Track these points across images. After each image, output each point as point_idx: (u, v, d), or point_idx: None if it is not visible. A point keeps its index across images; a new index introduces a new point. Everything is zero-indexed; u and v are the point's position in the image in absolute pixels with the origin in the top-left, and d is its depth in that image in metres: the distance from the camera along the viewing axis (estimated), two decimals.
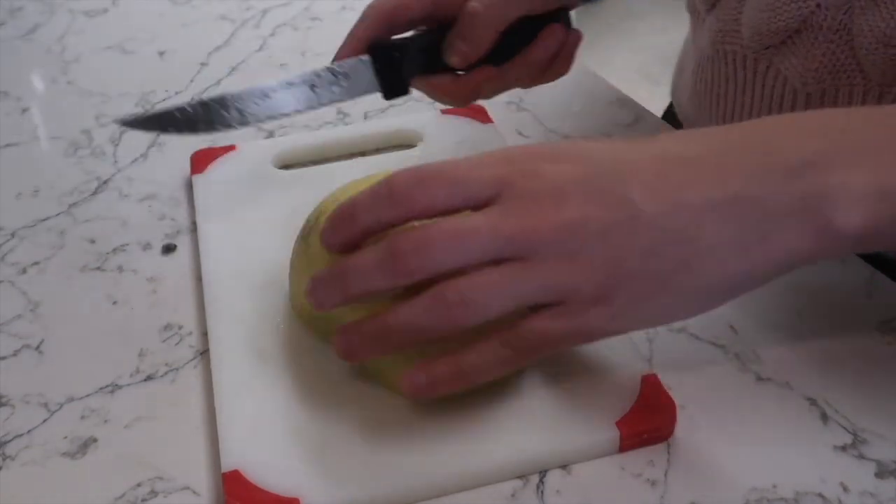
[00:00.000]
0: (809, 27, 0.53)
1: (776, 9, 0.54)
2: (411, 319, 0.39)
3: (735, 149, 0.39)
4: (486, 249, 0.38)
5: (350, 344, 0.42)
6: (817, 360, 0.47)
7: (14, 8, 0.90)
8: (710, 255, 0.38)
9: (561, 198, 0.38)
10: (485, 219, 0.38)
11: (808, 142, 0.38)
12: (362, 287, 0.40)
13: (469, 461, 0.42)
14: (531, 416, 0.44)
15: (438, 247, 0.38)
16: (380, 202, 0.40)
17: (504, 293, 0.38)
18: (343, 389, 0.45)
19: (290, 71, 0.77)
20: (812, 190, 0.37)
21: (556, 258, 0.38)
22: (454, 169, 0.40)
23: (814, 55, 0.53)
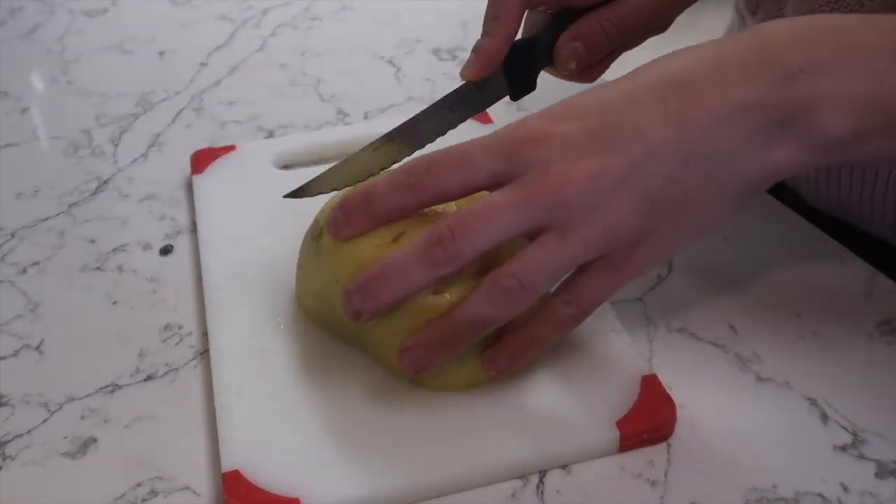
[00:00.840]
0: None
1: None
2: (474, 314, 0.40)
3: (731, 62, 0.39)
4: (520, 222, 0.39)
5: (417, 359, 0.42)
6: (817, 360, 0.47)
7: (14, 8, 0.90)
8: (727, 164, 0.39)
9: (574, 154, 0.39)
10: (510, 193, 0.39)
11: (802, 48, 0.39)
12: (403, 286, 0.41)
13: (469, 461, 0.42)
14: (531, 416, 0.44)
15: (472, 228, 0.39)
16: (397, 189, 0.41)
17: (553, 266, 0.39)
18: (343, 389, 0.45)
19: (289, 71, 0.77)
20: (804, 95, 0.38)
21: (589, 215, 0.39)
22: (464, 151, 0.40)
23: None
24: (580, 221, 0.39)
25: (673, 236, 0.41)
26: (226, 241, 0.55)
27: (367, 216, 0.43)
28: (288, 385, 0.46)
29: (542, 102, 0.69)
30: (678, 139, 0.38)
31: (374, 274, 0.41)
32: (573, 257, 0.40)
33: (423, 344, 0.42)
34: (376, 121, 0.69)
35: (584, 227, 0.39)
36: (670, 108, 0.39)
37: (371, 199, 0.42)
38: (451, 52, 0.79)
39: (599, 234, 0.39)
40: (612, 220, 0.39)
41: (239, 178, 0.61)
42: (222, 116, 0.71)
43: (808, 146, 0.39)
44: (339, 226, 0.43)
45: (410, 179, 0.41)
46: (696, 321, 0.49)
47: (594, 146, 0.39)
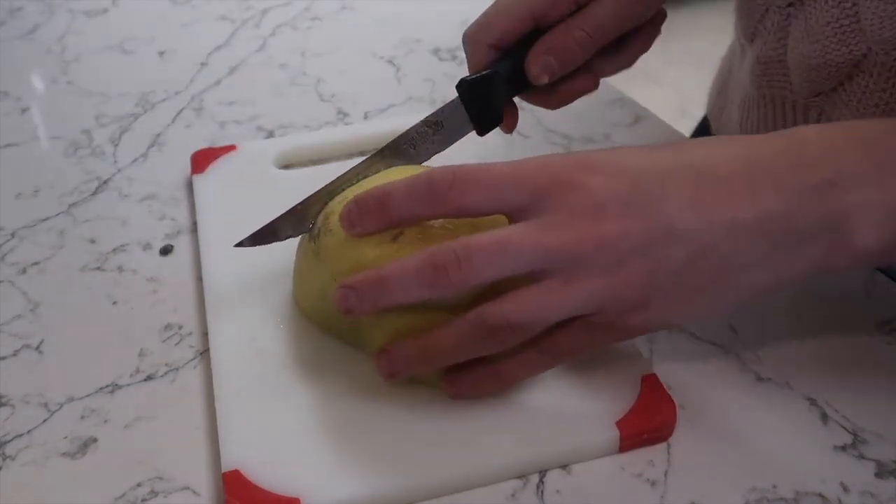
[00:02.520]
0: (862, 73, 0.50)
1: (824, 56, 0.51)
2: (455, 346, 0.41)
3: (764, 165, 0.39)
4: (526, 263, 0.39)
5: (393, 366, 0.43)
6: (817, 360, 0.47)
7: (14, 8, 0.90)
8: (741, 268, 0.39)
9: (600, 212, 0.38)
10: (525, 232, 0.39)
11: (831, 159, 0.39)
12: (399, 297, 0.41)
13: (469, 461, 0.42)
14: (531, 416, 0.44)
15: (480, 260, 0.39)
16: (416, 197, 0.41)
17: (545, 312, 0.39)
18: (343, 389, 0.45)
19: (289, 71, 0.77)
20: (833, 209, 0.38)
21: (596, 273, 0.38)
22: (493, 174, 0.40)
23: (867, 104, 0.50)
24: (587, 276, 0.38)
25: (670, 315, 0.41)
26: (226, 241, 0.55)
27: (381, 218, 0.42)
28: (288, 385, 0.46)
29: None
30: (701, 231, 0.38)
31: (372, 279, 0.41)
32: (570, 309, 0.39)
33: (401, 355, 0.42)
34: (376, 121, 0.69)
35: (589, 283, 0.39)
36: (699, 198, 0.39)
37: (388, 202, 0.42)
38: (451, 52, 0.79)
39: (601, 294, 0.39)
40: (618, 284, 0.39)
41: (239, 177, 0.61)
42: (222, 116, 0.71)
43: (836, 257, 0.39)
44: (353, 222, 0.43)
45: (432, 189, 0.41)
46: (696, 321, 0.49)
47: (621, 209, 0.39)
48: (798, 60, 0.53)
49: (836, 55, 0.51)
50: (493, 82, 0.50)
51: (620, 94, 0.71)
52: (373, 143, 0.65)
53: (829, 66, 0.51)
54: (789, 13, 0.54)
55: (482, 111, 0.51)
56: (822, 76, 0.52)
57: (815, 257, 0.39)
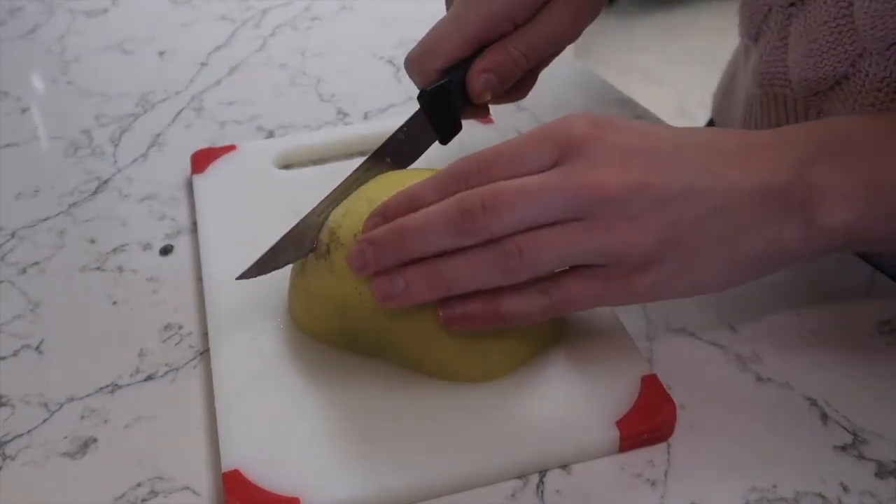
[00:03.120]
0: (858, 72, 0.51)
1: (821, 55, 0.52)
2: (464, 266, 0.40)
3: (757, 146, 0.42)
4: (553, 207, 0.39)
5: (394, 286, 0.41)
6: (817, 360, 0.47)
7: (14, 8, 0.90)
8: (743, 231, 0.40)
9: (625, 162, 0.40)
10: (551, 178, 0.39)
11: (814, 144, 0.41)
12: (423, 247, 0.40)
13: (469, 461, 0.42)
14: (531, 416, 0.44)
15: (507, 205, 0.39)
16: (443, 191, 0.41)
17: (560, 251, 0.40)
18: (343, 390, 0.45)
19: (289, 71, 0.77)
20: (811, 185, 0.40)
21: (617, 219, 0.39)
22: (514, 147, 0.41)
23: (862, 103, 0.51)
24: (608, 224, 0.39)
25: (675, 277, 0.41)
26: (226, 241, 0.55)
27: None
28: (288, 385, 0.46)
29: (542, 103, 0.70)
30: (715, 192, 0.40)
31: (393, 230, 0.41)
32: (585, 252, 0.40)
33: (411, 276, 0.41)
34: (376, 121, 0.69)
35: (608, 230, 0.39)
36: (712, 165, 0.40)
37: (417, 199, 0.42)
38: None
39: (618, 243, 0.39)
40: (635, 234, 0.39)
41: (239, 178, 0.61)
42: (222, 116, 0.71)
43: (812, 234, 0.41)
44: (378, 220, 0.42)
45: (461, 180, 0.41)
46: (696, 321, 0.49)
47: (643, 163, 0.40)
48: (797, 59, 0.54)
49: (833, 54, 0.52)
50: (451, 92, 0.50)
51: (620, 94, 0.72)
52: (373, 143, 0.65)
53: (825, 65, 0.52)
54: (791, 13, 0.55)
55: (442, 121, 0.51)
56: (819, 75, 0.53)
57: (796, 230, 0.40)
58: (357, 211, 0.45)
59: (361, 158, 0.64)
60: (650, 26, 2.67)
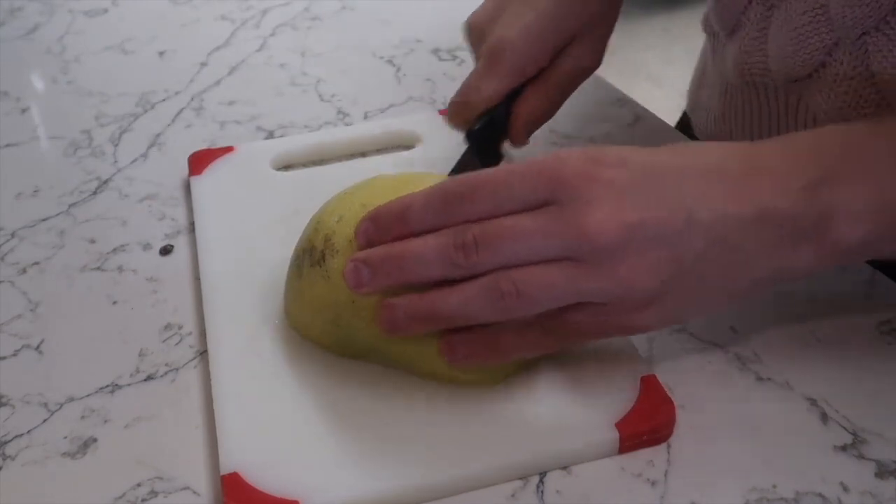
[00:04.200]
0: (834, 60, 0.52)
1: (799, 44, 0.53)
2: (462, 304, 0.40)
3: (763, 166, 0.41)
4: (545, 249, 0.39)
5: (395, 319, 0.42)
6: (817, 360, 0.47)
7: (14, 8, 0.90)
8: (746, 261, 0.40)
9: (620, 201, 0.39)
10: (544, 221, 0.39)
11: (817, 159, 0.41)
12: (418, 273, 0.41)
13: (469, 462, 0.42)
14: (531, 417, 0.44)
15: (501, 244, 0.39)
16: (432, 209, 0.41)
17: (558, 291, 0.39)
18: (342, 390, 0.45)
19: (289, 71, 0.77)
20: (821, 208, 0.40)
21: (615, 262, 0.38)
22: (506, 176, 0.40)
23: (836, 92, 0.52)
24: (604, 265, 0.38)
25: (676, 311, 0.41)
26: (224, 242, 0.55)
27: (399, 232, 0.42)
28: (287, 386, 0.46)
29: None
30: (716, 223, 0.39)
31: (390, 254, 0.41)
32: (582, 293, 0.39)
33: (404, 309, 0.42)
34: (375, 122, 0.69)
35: (605, 271, 0.39)
36: (711, 193, 0.40)
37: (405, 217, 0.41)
38: (451, 52, 0.79)
39: (616, 283, 0.39)
40: (633, 274, 0.39)
41: (237, 179, 0.61)
42: (222, 116, 0.71)
43: (825, 253, 0.41)
44: (368, 233, 0.42)
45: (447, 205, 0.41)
46: (695, 321, 0.49)
47: (637, 199, 0.39)
48: (777, 49, 0.56)
49: (810, 43, 0.53)
50: (493, 129, 0.56)
51: (620, 94, 0.72)
52: (371, 144, 0.65)
53: (803, 53, 0.53)
54: (772, 4, 0.56)
55: (487, 154, 0.56)
56: (798, 63, 0.54)
57: (808, 253, 0.40)
58: (351, 217, 0.44)
59: (361, 159, 0.64)
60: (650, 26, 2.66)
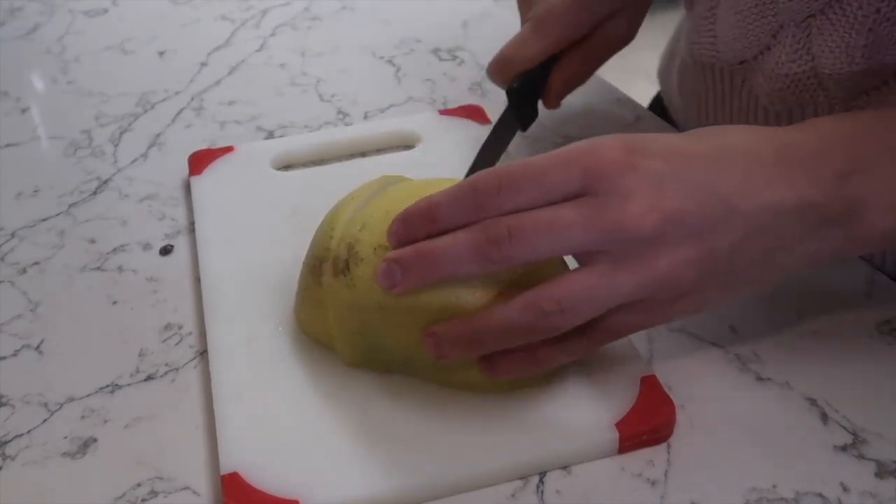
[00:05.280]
0: (778, 44, 0.53)
1: (746, 26, 0.54)
2: (505, 327, 0.40)
3: (796, 155, 0.41)
4: (582, 242, 0.38)
5: (440, 347, 0.42)
6: (817, 360, 0.47)
7: (14, 8, 0.90)
8: (782, 250, 0.40)
9: (658, 192, 0.38)
10: (581, 211, 0.38)
11: (846, 149, 0.41)
12: (450, 270, 0.40)
13: (469, 462, 0.42)
14: (530, 417, 0.44)
15: (535, 237, 0.38)
16: (463, 204, 0.40)
17: (599, 299, 0.39)
18: (342, 391, 0.45)
19: (289, 71, 0.77)
20: (853, 196, 0.40)
21: (654, 256, 0.38)
22: (538, 168, 0.39)
23: (777, 75, 0.53)
24: (643, 259, 0.38)
25: (711, 300, 0.41)
26: (224, 242, 0.55)
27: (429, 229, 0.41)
28: (286, 386, 0.46)
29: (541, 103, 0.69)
30: (753, 213, 0.39)
31: (421, 252, 0.40)
32: (622, 294, 0.39)
33: (448, 337, 0.41)
34: (375, 122, 0.69)
35: (645, 266, 0.38)
36: (749, 183, 0.39)
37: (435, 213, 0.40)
38: (451, 52, 0.79)
39: (655, 279, 0.38)
40: (673, 267, 0.38)
41: (237, 179, 0.61)
42: (222, 116, 0.71)
43: (854, 241, 0.41)
44: (399, 232, 0.42)
45: (479, 198, 0.39)
46: (696, 321, 0.49)
47: (677, 191, 0.38)
48: (724, 29, 0.57)
49: (756, 26, 0.54)
50: (532, 87, 0.59)
51: (620, 93, 0.72)
52: (372, 144, 0.65)
53: (749, 35, 0.54)
54: None
55: (524, 111, 0.60)
56: (743, 45, 0.55)
57: (838, 241, 0.41)
58: (375, 225, 0.44)
59: (361, 158, 0.64)
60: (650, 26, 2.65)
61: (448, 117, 0.67)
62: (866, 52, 0.49)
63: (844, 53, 0.49)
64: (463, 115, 0.67)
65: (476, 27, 0.83)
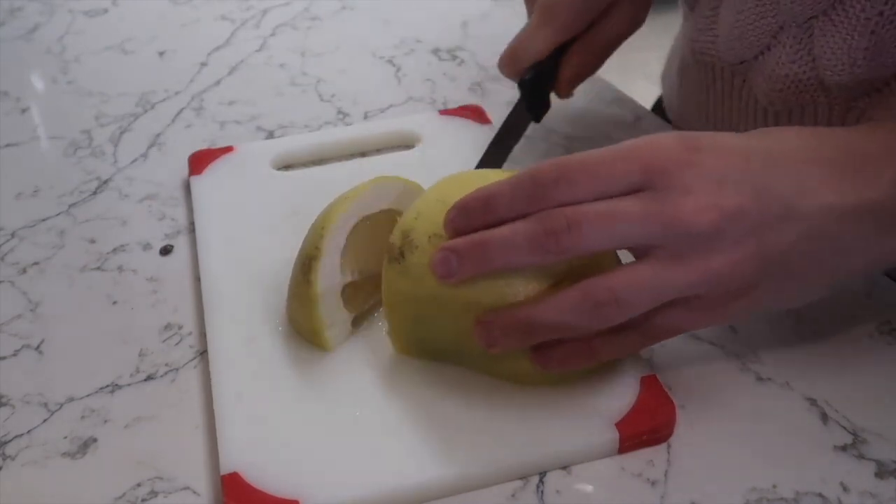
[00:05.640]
0: (778, 44, 0.53)
1: (746, 26, 0.54)
2: (558, 316, 0.39)
3: (858, 153, 0.41)
4: (640, 234, 0.38)
5: (491, 335, 0.41)
6: (817, 360, 0.47)
7: (14, 8, 0.90)
8: (840, 252, 0.40)
9: (717, 188, 0.38)
10: (640, 204, 0.38)
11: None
12: (506, 261, 0.40)
13: (469, 462, 0.42)
14: (531, 417, 0.44)
15: (593, 228, 0.38)
16: (521, 195, 0.40)
17: (654, 291, 0.39)
18: (342, 391, 0.45)
19: (289, 71, 0.77)
20: None
21: (711, 251, 0.38)
22: (599, 161, 0.39)
23: (778, 75, 0.53)
24: (700, 255, 0.38)
25: (768, 300, 0.41)
26: (224, 242, 0.55)
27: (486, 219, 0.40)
28: (287, 386, 0.46)
29: None
30: (811, 214, 0.39)
31: (477, 241, 0.40)
32: (678, 288, 0.39)
33: (500, 326, 0.41)
34: (375, 122, 0.69)
35: (701, 262, 0.38)
36: (806, 182, 0.39)
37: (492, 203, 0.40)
38: (451, 52, 0.79)
39: (712, 274, 0.38)
40: (729, 264, 0.38)
41: (237, 179, 0.61)
42: (222, 116, 0.71)
43: None
44: (456, 221, 0.41)
45: (538, 189, 0.39)
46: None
47: (735, 188, 0.38)
48: (725, 29, 0.57)
49: (757, 26, 0.54)
50: (543, 79, 0.59)
51: (620, 93, 0.72)
52: (371, 144, 0.65)
53: (750, 36, 0.55)
54: None
55: (537, 103, 0.60)
56: (744, 45, 0.55)
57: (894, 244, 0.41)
58: (429, 213, 0.44)
59: (361, 158, 0.64)
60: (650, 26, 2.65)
61: (448, 117, 0.67)
62: (868, 54, 0.49)
63: (846, 55, 0.49)
64: (463, 115, 0.67)
65: (476, 27, 0.83)
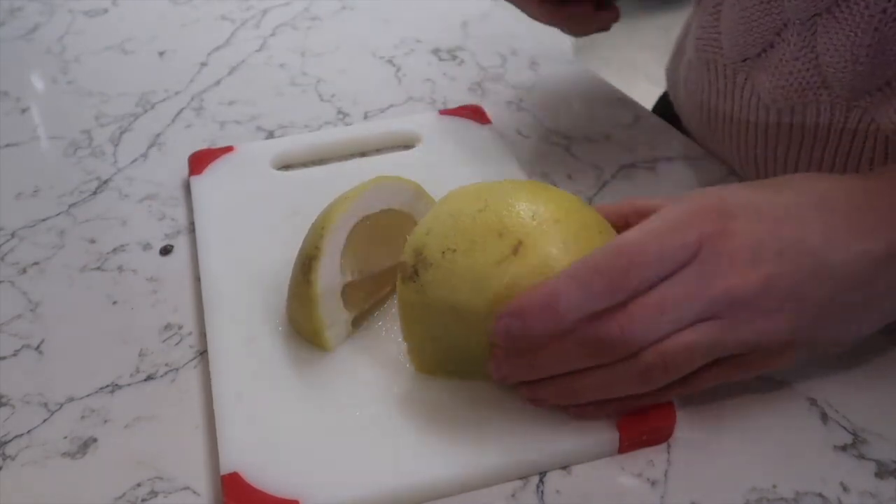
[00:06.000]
0: (782, 41, 0.53)
1: (750, 23, 0.55)
2: (605, 382, 0.40)
3: (878, 202, 0.42)
4: (691, 315, 0.39)
5: (536, 396, 0.43)
6: (817, 360, 0.47)
7: (14, 8, 0.90)
8: (876, 298, 0.41)
9: (756, 257, 0.39)
10: (687, 284, 0.39)
11: None
12: (557, 369, 0.41)
13: (469, 462, 0.42)
14: (531, 417, 0.44)
15: (647, 324, 0.39)
16: (593, 294, 0.39)
17: (701, 354, 0.39)
18: (342, 391, 0.45)
19: (289, 71, 0.77)
20: None
21: (753, 315, 0.39)
22: (657, 243, 0.39)
23: (781, 72, 0.54)
24: (743, 321, 0.39)
25: (803, 352, 0.41)
26: (224, 242, 0.55)
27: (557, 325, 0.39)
28: (287, 386, 0.46)
29: (542, 103, 0.69)
30: (844, 263, 0.40)
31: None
32: (720, 350, 0.40)
33: (551, 397, 0.42)
34: (375, 121, 0.69)
35: (744, 327, 0.39)
36: (836, 235, 0.40)
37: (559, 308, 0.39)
38: (451, 52, 0.79)
39: (753, 338, 0.39)
40: (770, 328, 0.39)
41: (237, 179, 0.61)
42: (222, 116, 0.71)
43: None
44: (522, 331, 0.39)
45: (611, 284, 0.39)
46: None
47: (770, 253, 0.39)
48: (729, 26, 0.57)
49: (761, 23, 0.54)
50: None
51: (620, 94, 0.72)
52: (372, 143, 0.65)
53: (754, 33, 0.55)
54: None
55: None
56: (747, 42, 0.56)
57: None
58: (440, 228, 0.43)
59: (361, 158, 0.64)
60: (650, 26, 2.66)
61: (448, 117, 0.67)
62: (871, 51, 0.49)
63: (849, 52, 0.49)
64: (463, 115, 0.67)
65: (476, 27, 0.83)
